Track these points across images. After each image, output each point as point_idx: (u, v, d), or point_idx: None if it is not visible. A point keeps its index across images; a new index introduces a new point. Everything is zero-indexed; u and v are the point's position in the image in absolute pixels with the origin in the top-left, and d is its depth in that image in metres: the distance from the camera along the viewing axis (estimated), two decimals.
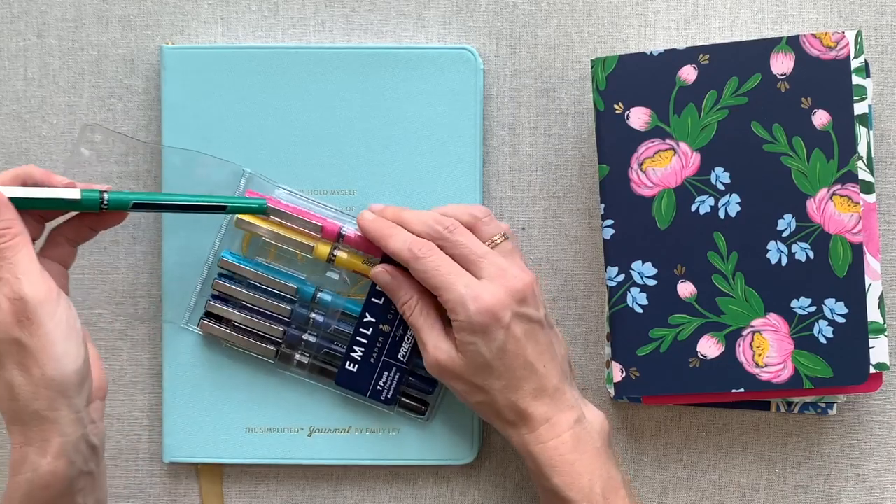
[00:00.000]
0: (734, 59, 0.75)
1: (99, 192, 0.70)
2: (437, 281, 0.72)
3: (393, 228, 0.74)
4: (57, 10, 0.80)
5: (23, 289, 0.64)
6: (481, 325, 0.71)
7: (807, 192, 0.75)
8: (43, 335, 0.64)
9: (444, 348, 0.73)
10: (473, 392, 0.73)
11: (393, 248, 0.73)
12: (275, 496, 0.81)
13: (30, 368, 0.64)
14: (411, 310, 0.74)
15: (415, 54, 0.78)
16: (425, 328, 0.74)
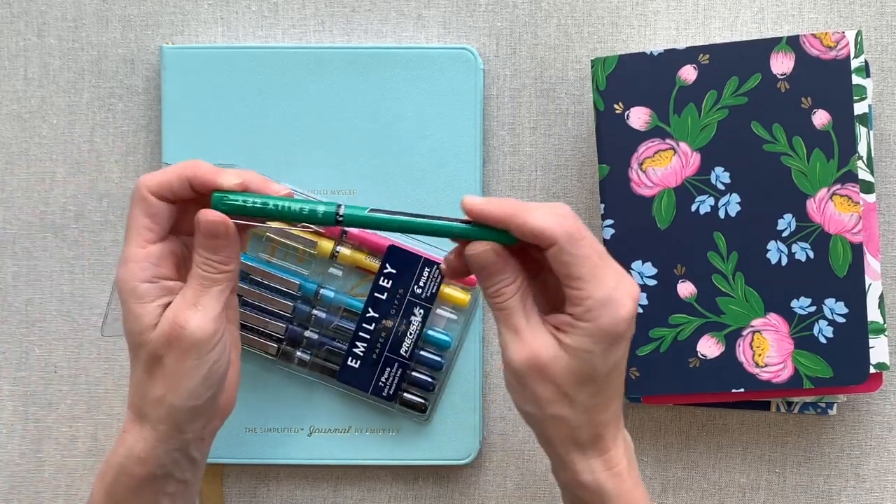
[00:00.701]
0: (734, 59, 0.75)
1: (335, 205, 0.63)
2: (584, 270, 0.61)
3: (527, 204, 0.62)
4: (57, 9, 0.80)
5: (189, 321, 0.62)
6: (616, 336, 0.61)
7: (807, 191, 0.75)
8: (182, 368, 0.62)
9: (546, 343, 0.62)
10: (556, 402, 0.62)
11: (536, 225, 0.61)
12: (275, 496, 0.81)
13: (155, 381, 0.63)
14: (513, 292, 0.63)
15: (415, 54, 0.78)
16: (522, 314, 0.63)
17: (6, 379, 0.81)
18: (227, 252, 0.63)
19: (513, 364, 0.62)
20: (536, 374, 0.62)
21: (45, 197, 0.81)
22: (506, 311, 0.63)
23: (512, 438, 0.81)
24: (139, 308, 0.63)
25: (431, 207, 0.78)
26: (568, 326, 0.62)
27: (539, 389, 0.62)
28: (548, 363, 0.62)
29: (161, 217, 0.63)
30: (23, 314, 0.81)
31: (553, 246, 0.61)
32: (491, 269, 0.63)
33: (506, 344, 0.63)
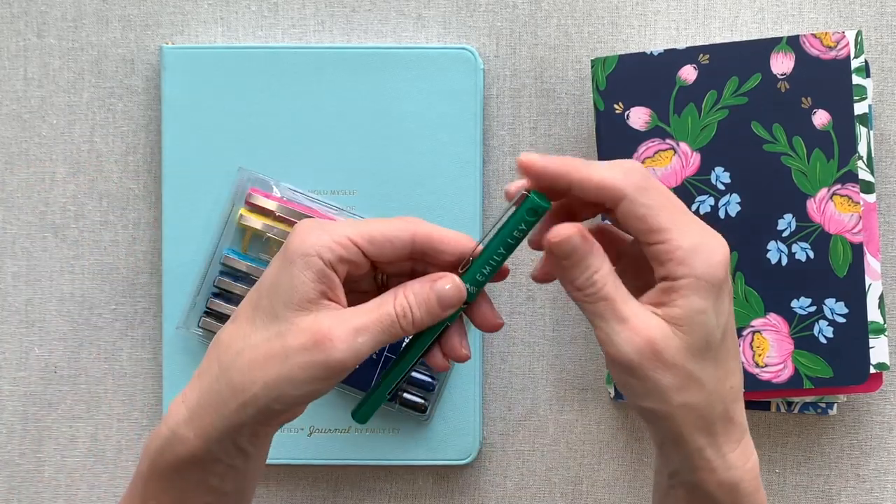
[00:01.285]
0: (734, 59, 0.75)
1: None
2: (663, 219, 0.55)
3: (584, 160, 0.56)
4: (57, 9, 0.80)
5: (342, 341, 0.56)
6: (717, 284, 0.55)
7: (807, 191, 0.75)
8: (297, 369, 0.56)
9: (656, 324, 0.55)
10: (683, 388, 0.56)
11: (600, 178, 0.55)
12: (275, 496, 0.81)
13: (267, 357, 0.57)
14: (605, 279, 0.56)
15: (415, 54, 0.78)
16: (625, 300, 0.56)
17: (6, 379, 0.81)
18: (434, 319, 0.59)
19: (626, 357, 0.55)
20: (655, 362, 0.55)
21: (44, 197, 0.81)
22: (606, 301, 0.56)
23: (512, 438, 0.81)
24: (304, 279, 0.57)
25: (431, 207, 0.78)
26: (666, 295, 0.55)
27: (661, 378, 0.55)
28: (664, 346, 0.55)
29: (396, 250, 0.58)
30: (23, 314, 0.81)
31: (622, 200, 0.55)
32: (578, 255, 0.56)
33: (609, 338, 0.56)
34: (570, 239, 0.56)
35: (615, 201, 0.55)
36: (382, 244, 0.58)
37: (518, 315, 0.80)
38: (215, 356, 0.59)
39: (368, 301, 0.59)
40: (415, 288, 0.58)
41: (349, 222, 0.59)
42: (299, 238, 0.57)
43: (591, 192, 0.55)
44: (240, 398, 0.57)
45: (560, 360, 0.80)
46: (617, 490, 0.81)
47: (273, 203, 0.77)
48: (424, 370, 0.78)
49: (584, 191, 0.55)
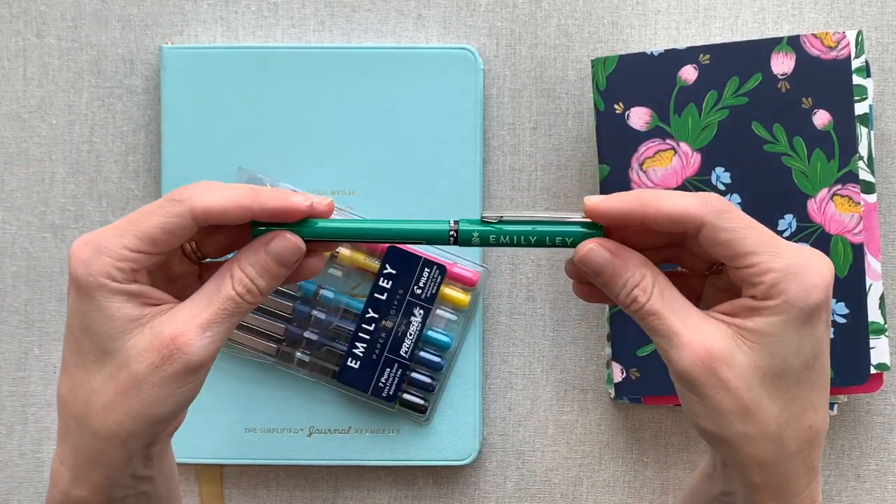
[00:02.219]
0: (735, 59, 0.75)
1: (447, 222, 0.57)
2: (751, 241, 0.50)
3: (654, 191, 0.53)
4: (56, 9, 0.80)
5: (192, 345, 0.53)
6: (811, 311, 0.50)
7: (807, 192, 0.75)
8: (160, 389, 0.53)
9: (717, 335, 0.50)
10: (748, 416, 0.51)
11: (674, 209, 0.51)
12: (275, 496, 0.81)
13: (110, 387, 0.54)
14: (647, 292, 0.52)
15: (415, 54, 0.78)
16: (675, 311, 0.51)
17: (6, 379, 0.81)
18: (278, 281, 0.56)
19: (679, 371, 0.51)
20: (711, 378, 0.50)
21: (44, 197, 0.80)
22: (652, 317, 0.52)
23: (512, 438, 0.81)
24: (114, 308, 0.53)
25: (431, 207, 0.78)
26: (747, 311, 0.51)
27: (718, 398, 0.50)
28: (724, 360, 0.50)
29: (182, 238, 0.54)
30: (22, 314, 0.81)
31: (702, 227, 0.51)
32: (610, 270, 0.53)
33: (665, 353, 0.52)
34: (592, 252, 0.53)
35: (695, 229, 0.51)
36: (166, 241, 0.54)
37: (518, 315, 0.80)
38: (66, 413, 0.55)
39: (201, 285, 0.55)
40: (249, 259, 0.55)
41: (121, 228, 0.54)
42: (82, 269, 0.53)
43: (666, 224, 0.51)
44: (114, 442, 0.54)
45: (560, 360, 0.80)
46: (617, 490, 0.81)
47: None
48: (425, 371, 0.78)
49: (659, 223, 0.52)
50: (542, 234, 0.55)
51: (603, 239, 0.53)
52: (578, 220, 0.55)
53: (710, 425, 0.52)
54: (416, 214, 0.78)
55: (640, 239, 0.55)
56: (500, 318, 0.80)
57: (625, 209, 0.52)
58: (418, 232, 0.56)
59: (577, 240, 0.54)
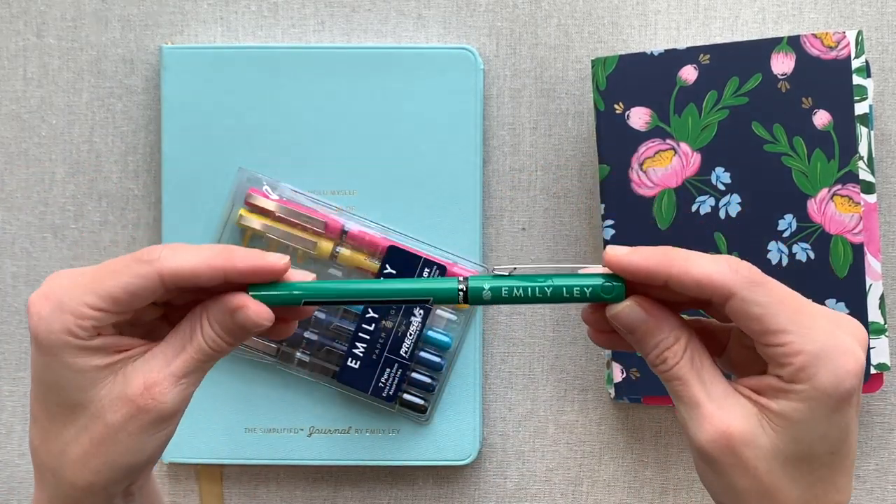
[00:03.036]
0: (735, 59, 0.75)
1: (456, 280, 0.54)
2: (783, 319, 0.48)
3: (683, 251, 0.50)
4: (56, 9, 0.80)
5: (167, 395, 0.52)
6: (841, 398, 0.48)
7: (807, 192, 0.75)
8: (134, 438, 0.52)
9: (740, 414, 0.49)
10: (766, 497, 0.49)
11: (702, 274, 0.49)
12: (275, 496, 0.81)
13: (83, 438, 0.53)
14: (677, 357, 0.50)
15: (415, 54, 0.78)
16: (698, 383, 0.50)
17: (6, 379, 0.81)
18: (246, 339, 0.54)
19: (697, 446, 0.49)
20: (730, 457, 0.48)
21: (44, 197, 0.80)
22: (678, 382, 0.50)
23: (512, 438, 0.81)
24: (80, 363, 0.52)
25: (431, 207, 0.78)
26: (773, 391, 0.49)
27: (736, 478, 0.48)
28: (745, 441, 0.48)
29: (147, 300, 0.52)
30: (22, 314, 0.81)
31: (731, 298, 0.49)
32: (643, 330, 0.51)
33: (685, 422, 0.50)
34: (627, 310, 0.51)
35: (723, 299, 0.49)
36: (130, 302, 0.52)
37: (518, 315, 0.80)
38: (41, 464, 0.54)
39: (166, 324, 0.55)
40: (216, 316, 0.53)
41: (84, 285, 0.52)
42: (43, 326, 0.51)
43: (692, 289, 0.49)
44: (93, 490, 0.53)
45: (560, 360, 0.80)
46: (617, 490, 0.81)
47: (273, 203, 0.77)
48: (425, 371, 0.78)
49: (683, 287, 0.49)
50: (559, 286, 0.52)
51: (640, 297, 0.51)
52: (598, 273, 0.52)
53: (727, 501, 0.50)
54: (416, 214, 0.78)
55: (662, 294, 0.52)
56: (500, 318, 0.80)
57: (649, 267, 0.50)
58: (424, 291, 0.53)
59: (595, 292, 0.52)
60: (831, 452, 0.49)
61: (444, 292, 0.53)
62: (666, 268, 0.49)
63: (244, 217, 0.77)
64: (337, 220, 0.77)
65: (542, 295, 0.52)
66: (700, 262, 0.49)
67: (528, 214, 0.80)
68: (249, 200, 0.77)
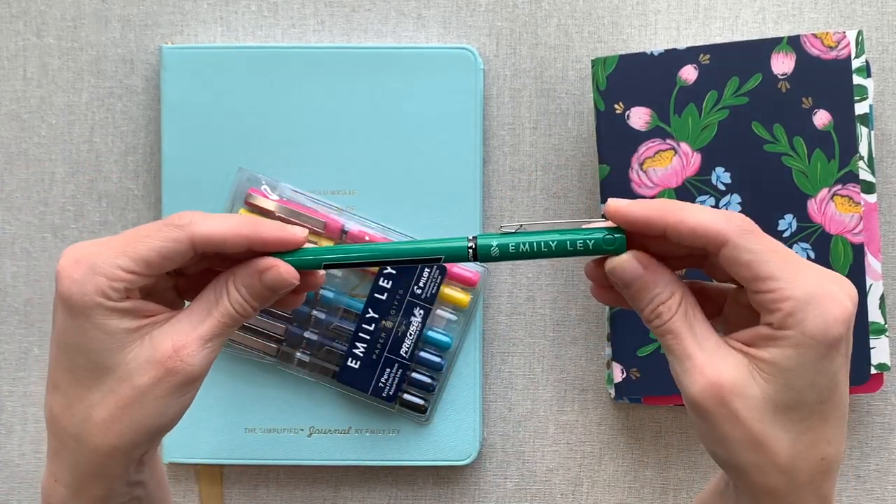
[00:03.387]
0: (735, 59, 0.75)
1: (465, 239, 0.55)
2: (774, 266, 0.49)
3: (680, 202, 0.52)
4: (56, 9, 0.80)
5: (194, 358, 0.54)
6: (829, 343, 0.49)
7: (807, 192, 0.75)
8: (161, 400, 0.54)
9: (730, 365, 0.50)
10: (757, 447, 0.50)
11: (697, 222, 0.50)
12: (275, 497, 0.81)
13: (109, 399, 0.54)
14: (671, 311, 0.52)
15: (415, 54, 0.78)
16: (691, 336, 0.51)
17: (6, 379, 0.81)
18: (268, 304, 0.56)
19: (689, 397, 0.50)
20: (721, 408, 0.49)
21: (44, 197, 0.80)
22: (670, 335, 0.51)
23: (512, 438, 0.81)
24: (111, 325, 0.53)
25: (431, 207, 0.78)
26: (763, 340, 0.50)
27: (727, 428, 0.50)
28: (734, 391, 0.49)
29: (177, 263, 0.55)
30: (22, 314, 0.81)
31: (724, 245, 0.50)
32: (639, 284, 0.52)
33: (677, 375, 0.51)
34: (625, 263, 0.52)
35: (716, 247, 0.50)
36: (161, 265, 0.54)
37: (518, 315, 0.80)
38: (61, 431, 0.55)
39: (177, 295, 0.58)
40: (244, 280, 0.55)
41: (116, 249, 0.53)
42: (76, 288, 0.53)
43: (687, 237, 0.51)
44: (116, 455, 0.54)
45: (560, 360, 0.80)
46: (617, 490, 0.81)
47: (273, 203, 0.77)
48: (425, 371, 0.78)
49: (680, 235, 0.51)
50: (563, 239, 0.53)
51: (637, 252, 0.53)
52: (600, 226, 0.54)
53: (721, 452, 0.51)
54: (416, 214, 0.78)
55: (660, 248, 0.54)
56: (500, 318, 0.80)
57: (647, 216, 0.51)
58: (435, 250, 0.55)
59: (598, 244, 0.53)
60: (820, 401, 0.49)
61: (454, 250, 0.55)
62: (663, 217, 0.51)
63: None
64: (337, 220, 0.77)
65: (548, 249, 0.54)
66: (696, 212, 0.51)
67: (528, 214, 0.80)
68: (249, 200, 0.77)
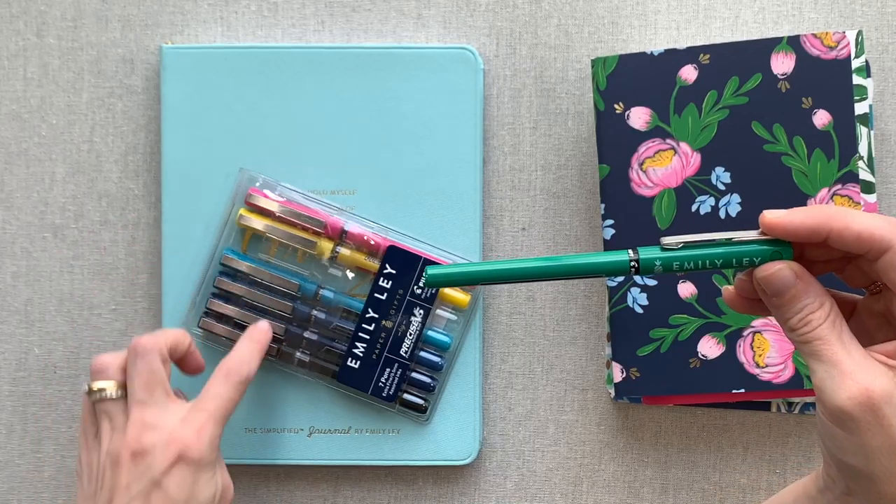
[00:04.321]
0: (735, 59, 0.75)
1: (626, 252, 0.55)
2: None
3: (838, 207, 0.53)
4: (56, 9, 0.80)
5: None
6: None
7: (807, 192, 0.75)
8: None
9: (878, 374, 0.50)
10: (892, 455, 0.50)
11: (863, 228, 0.51)
12: (275, 496, 0.81)
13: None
14: (821, 319, 0.52)
15: (415, 54, 0.78)
16: (840, 343, 0.51)
17: (6, 379, 0.81)
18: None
19: (836, 405, 0.50)
20: (869, 415, 0.49)
21: (44, 197, 0.80)
22: (819, 342, 0.51)
23: (512, 438, 0.81)
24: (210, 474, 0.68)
25: (431, 207, 0.78)
26: None
27: (870, 436, 0.50)
28: (883, 400, 0.49)
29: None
30: (22, 314, 0.81)
31: (887, 251, 0.50)
32: (792, 294, 0.52)
33: (822, 382, 0.51)
34: (779, 274, 0.52)
35: (879, 252, 0.51)
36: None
37: (518, 315, 0.80)
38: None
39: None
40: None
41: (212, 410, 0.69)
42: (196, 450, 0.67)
43: (852, 243, 0.51)
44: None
45: (560, 360, 0.80)
46: (617, 490, 0.81)
47: (273, 203, 0.77)
48: (425, 371, 0.78)
49: (844, 242, 0.51)
50: (730, 254, 0.53)
51: (790, 262, 0.53)
52: (763, 238, 0.53)
53: (855, 461, 0.51)
54: (416, 214, 0.78)
55: (810, 254, 0.54)
56: (500, 318, 0.80)
57: (810, 225, 0.52)
58: (596, 266, 0.55)
59: (765, 259, 0.53)
60: None
61: (615, 265, 0.55)
62: (828, 223, 0.51)
63: (244, 217, 0.77)
64: (337, 220, 0.77)
65: (712, 264, 0.54)
66: (860, 217, 0.51)
67: (528, 214, 0.80)
68: (250, 200, 0.77)
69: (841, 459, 0.52)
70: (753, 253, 0.53)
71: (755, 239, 0.54)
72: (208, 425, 0.67)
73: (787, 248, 0.53)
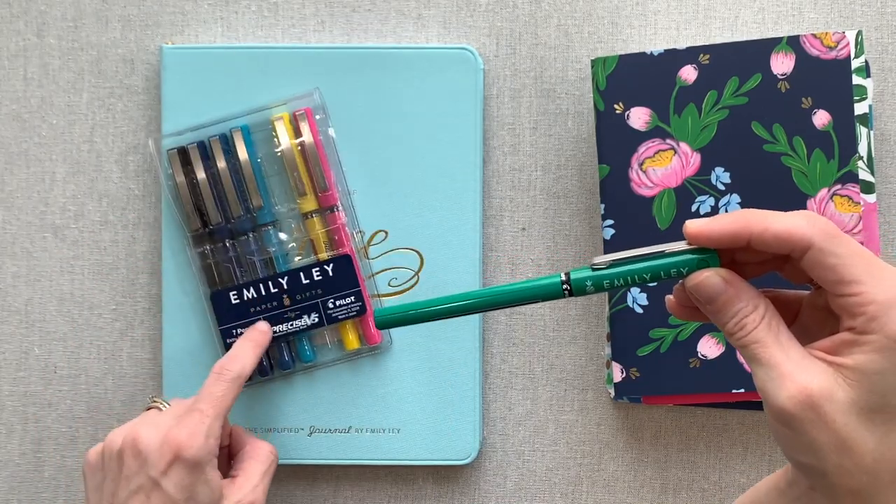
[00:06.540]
0: (734, 59, 0.75)
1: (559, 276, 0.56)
2: (858, 270, 0.50)
3: (757, 210, 0.52)
4: (56, 9, 0.80)
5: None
6: None
7: (807, 192, 0.75)
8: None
9: (817, 372, 0.50)
10: (845, 449, 0.50)
11: (782, 228, 0.51)
12: (275, 496, 0.81)
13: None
14: (755, 322, 0.52)
15: (415, 54, 0.78)
16: (776, 345, 0.52)
17: (6, 379, 0.81)
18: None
19: (778, 406, 0.50)
20: (810, 413, 0.50)
21: (44, 197, 0.80)
22: (756, 345, 0.52)
23: (512, 438, 0.81)
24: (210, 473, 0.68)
25: (431, 207, 0.78)
26: (845, 346, 0.50)
27: (815, 433, 0.50)
28: (823, 398, 0.49)
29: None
30: (22, 314, 0.81)
31: (809, 250, 0.50)
32: (723, 300, 0.53)
33: (764, 384, 0.51)
34: (707, 281, 0.53)
35: (801, 251, 0.51)
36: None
37: (518, 315, 0.80)
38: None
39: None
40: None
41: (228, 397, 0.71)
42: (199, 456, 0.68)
43: (773, 244, 0.51)
44: None
45: (560, 360, 0.80)
46: (617, 490, 0.81)
47: (309, 135, 0.76)
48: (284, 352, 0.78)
49: (766, 243, 0.51)
50: (657, 268, 0.54)
51: (718, 268, 0.53)
52: (689, 249, 0.54)
53: (805, 458, 0.51)
54: (416, 214, 0.78)
55: (741, 257, 0.55)
56: (500, 318, 0.80)
57: (731, 231, 0.52)
58: (530, 291, 0.55)
59: (692, 269, 0.54)
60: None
61: (548, 288, 0.55)
62: (747, 228, 0.51)
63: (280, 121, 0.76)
64: (335, 195, 0.77)
65: (641, 279, 0.55)
66: (778, 218, 0.51)
67: (528, 214, 0.80)
68: (298, 114, 0.77)
69: (794, 458, 0.53)
70: (681, 264, 0.54)
71: (683, 249, 0.54)
72: (203, 425, 0.68)
73: (713, 256, 0.54)
